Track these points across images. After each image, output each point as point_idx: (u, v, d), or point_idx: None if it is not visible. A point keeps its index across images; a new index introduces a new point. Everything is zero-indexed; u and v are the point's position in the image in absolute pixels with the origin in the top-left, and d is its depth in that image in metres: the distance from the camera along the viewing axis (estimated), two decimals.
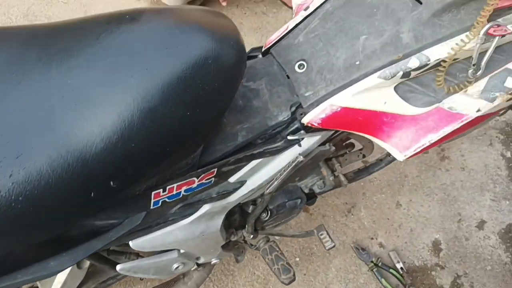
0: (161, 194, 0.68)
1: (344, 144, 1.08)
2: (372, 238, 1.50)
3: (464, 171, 1.62)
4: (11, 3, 1.89)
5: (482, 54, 0.64)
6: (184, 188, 0.70)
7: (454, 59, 0.65)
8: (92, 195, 0.53)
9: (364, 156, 1.07)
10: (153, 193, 0.66)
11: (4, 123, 0.49)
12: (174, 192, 0.69)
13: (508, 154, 1.65)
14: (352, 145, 1.10)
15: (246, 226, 1.00)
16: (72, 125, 0.50)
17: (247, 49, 0.72)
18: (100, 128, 0.51)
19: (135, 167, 0.55)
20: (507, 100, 0.66)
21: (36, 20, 1.84)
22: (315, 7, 0.77)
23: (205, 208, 0.80)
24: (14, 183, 0.47)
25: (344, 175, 1.06)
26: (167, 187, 0.67)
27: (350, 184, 1.11)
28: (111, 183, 0.54)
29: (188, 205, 0.77)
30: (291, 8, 1.99)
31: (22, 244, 0.57)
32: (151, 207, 0.69)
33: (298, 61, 0.76)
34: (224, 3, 1.37)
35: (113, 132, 0.51)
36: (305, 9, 0.80)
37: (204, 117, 0.58)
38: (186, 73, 0.54)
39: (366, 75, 0.69)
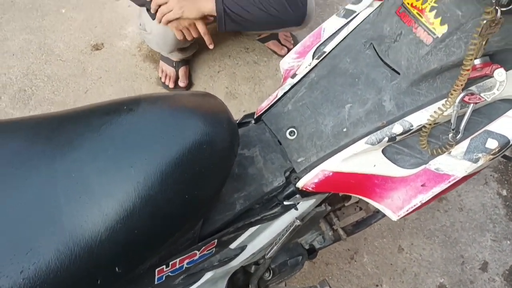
0: (165, 269, 0.69)
1: (341, 196, 1.10)
2: (377, 285, 1.50)
3: (462, 211, 1.62)
4: (10, 63, 1.93)
5: (460, 117, 0.67)
6: (186, 261, 0.72)
7: (435, 123, 0.69)
8: (99, 282, 0.55)
9: (360, 209, 1.09)
10: (156, 270, 0.68)
11: (13, 219, 0.52)
12: (177, 266, 0.71)
13: (504, 193, 1.66)
14: (348, 197, 1.12)
15: (250, 286, 1.00)
16: (77, 218, 0.53)
17: (241, 105, 0.74)
18: (104, 218, 0.53)
19: (138, 251, 0.57)
20: (490, 160, 0.69)
21: (36, 79, 1.88)
22: (301, 76, 0.82)
23: (208, 275, 0.82)
24: (24, 279, 0.49)
25: (343, 228, 1.08)
26: (170, 263, 0.69)
27: None
28: (117, 268, 0.56)
29: (191, 275, 0.79)
30: (282, 56, 2.05)
31: None
32: (155, 283, 0.71)
33: (288, 128, 0.80)
34: (211, 46, 1.48)
35: (116, 221, 0.54)
36: (292, 77, 0.84)
37: (202, 197, 0.61)
38: (183, 160, 0.57)
39: (354, 141, 0.73)
